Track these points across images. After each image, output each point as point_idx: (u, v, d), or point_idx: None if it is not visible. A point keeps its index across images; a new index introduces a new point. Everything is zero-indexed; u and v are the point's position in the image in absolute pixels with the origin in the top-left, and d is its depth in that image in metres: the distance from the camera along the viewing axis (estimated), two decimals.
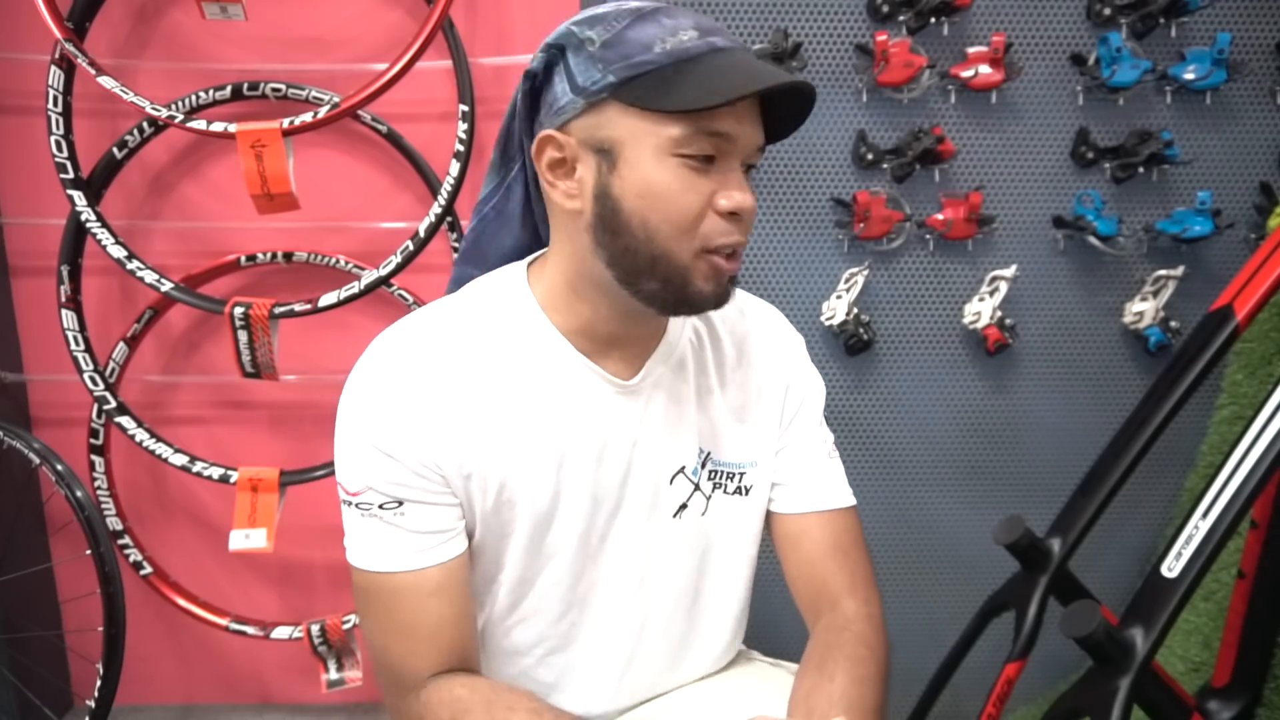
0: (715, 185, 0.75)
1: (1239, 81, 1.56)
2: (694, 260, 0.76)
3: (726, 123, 0.74)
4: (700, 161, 0.74)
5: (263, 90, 1.70)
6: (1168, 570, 1.09)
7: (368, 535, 0.84)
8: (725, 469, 0.91)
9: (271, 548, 1.69)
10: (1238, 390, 1.61)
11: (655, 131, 0.73)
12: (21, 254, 1.82)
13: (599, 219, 0.77)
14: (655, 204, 0.74)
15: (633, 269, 0.77)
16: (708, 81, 0.72)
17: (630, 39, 0.74)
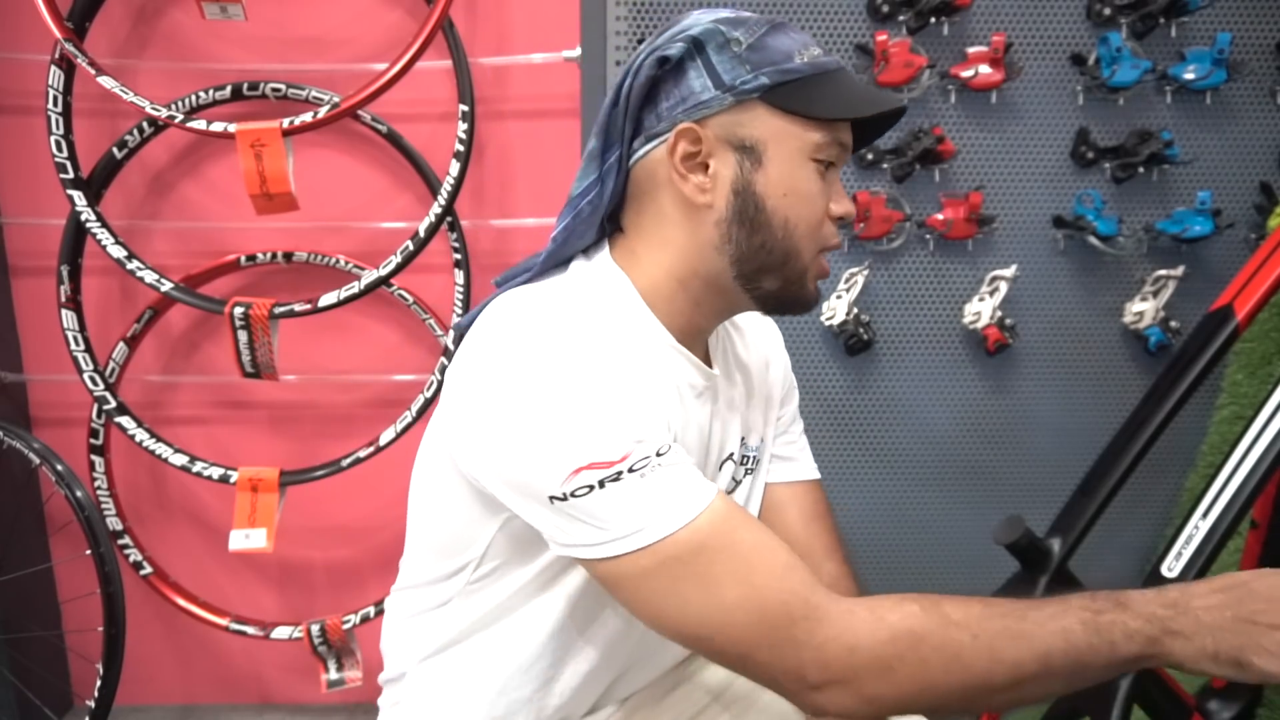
0: (828, 192, 0.81)
1: (1239, 81, 1.56)
2: (812, 260, 0.81)
3: (848, 134, 0.81)
4: (826, 168, 0.80)
5: (263, 90, 1.70)
6: (1168, 570, 1.09)
7: (666, 488, 0.69)
8: (751, 453, 0.96)
9: (271, 548, 1.69)
10: (1238, 390, 1.61)
11: (800, 135, 0.77)
12: (21, 254, 1.82)
13: (737, 214, 0.78)
14: (795, 203, 0.78)
15: (761, 266, 0.80)
16: (847, 95, 0.79)
17: (772, 46, 0.77)
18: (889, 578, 1.77)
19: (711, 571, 0.69)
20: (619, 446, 0.69)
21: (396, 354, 1.88)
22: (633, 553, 0.69)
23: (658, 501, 0.69)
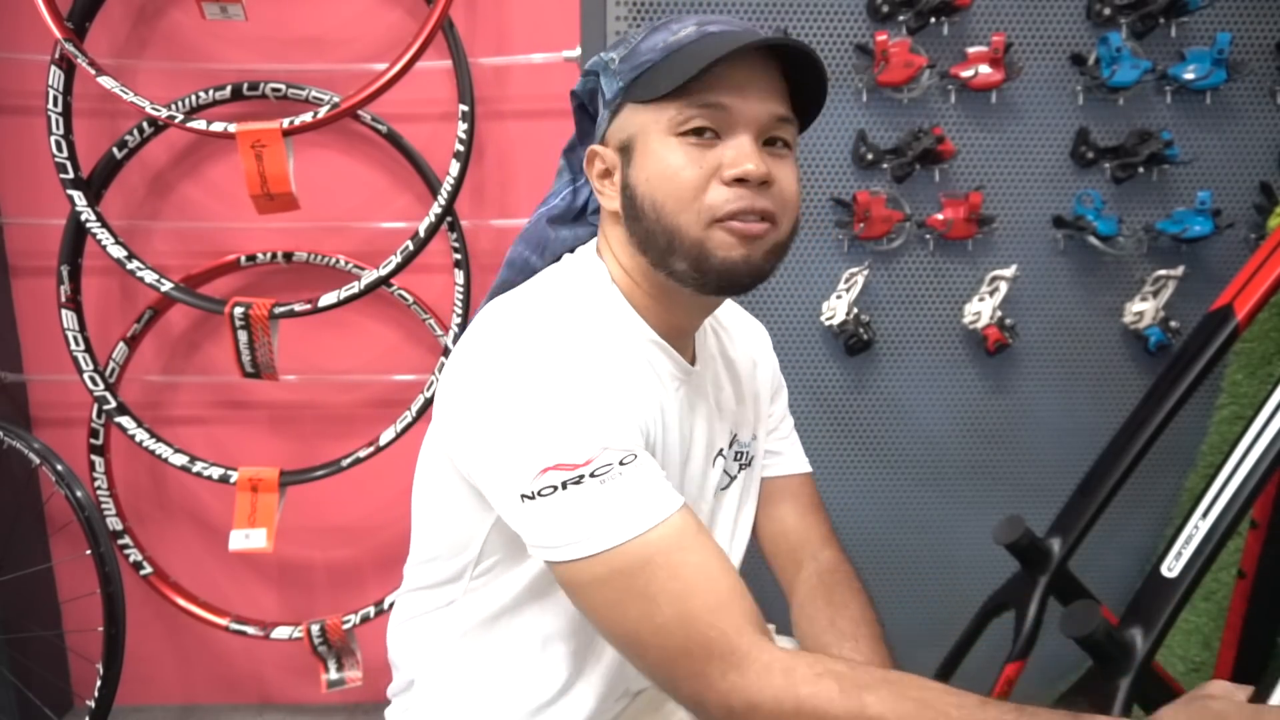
0: (721, 157, 0.78)
1: (1239, 81, 1.56)
2: (705, 232, 0.79)
3: (720, 95, 0.78)
4: (702, 136, 0.78)
5: (263, 90, 1.70)
6: (1168, 570, 1.09)
7: (624, 497, 0.71)
8: (744, 448, 0.99)
9: (271, 548, 1.69)
10: (1238, 390, 1.61)
11: (657, 118, 0.79)
12: (21, 254, 1.82)
13: (625, 209, 0.82)
14: (659, 183, 0.79)
15: (660, 252, 0.81)
16: (687, 61, 0.77)
17: (641, 49, 0.81)
18: (889, 577, 1.77)
19: (651, 588, 0.70)
20: (585, 450, 0.71)
21: (396, 354, 1.88)
22: (585, 559, 0.70)
23: (613, 510, 0.70)
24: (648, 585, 0.70)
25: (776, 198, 0.80)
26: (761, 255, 0.80)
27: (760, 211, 0.79)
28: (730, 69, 0.77)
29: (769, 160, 0.79)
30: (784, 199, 0.81)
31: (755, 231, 0.79)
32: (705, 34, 0.79)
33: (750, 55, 0.77)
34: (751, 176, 0.77)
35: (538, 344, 0.75)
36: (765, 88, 0.79)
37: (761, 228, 0.79)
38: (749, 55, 0.77)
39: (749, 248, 0.79)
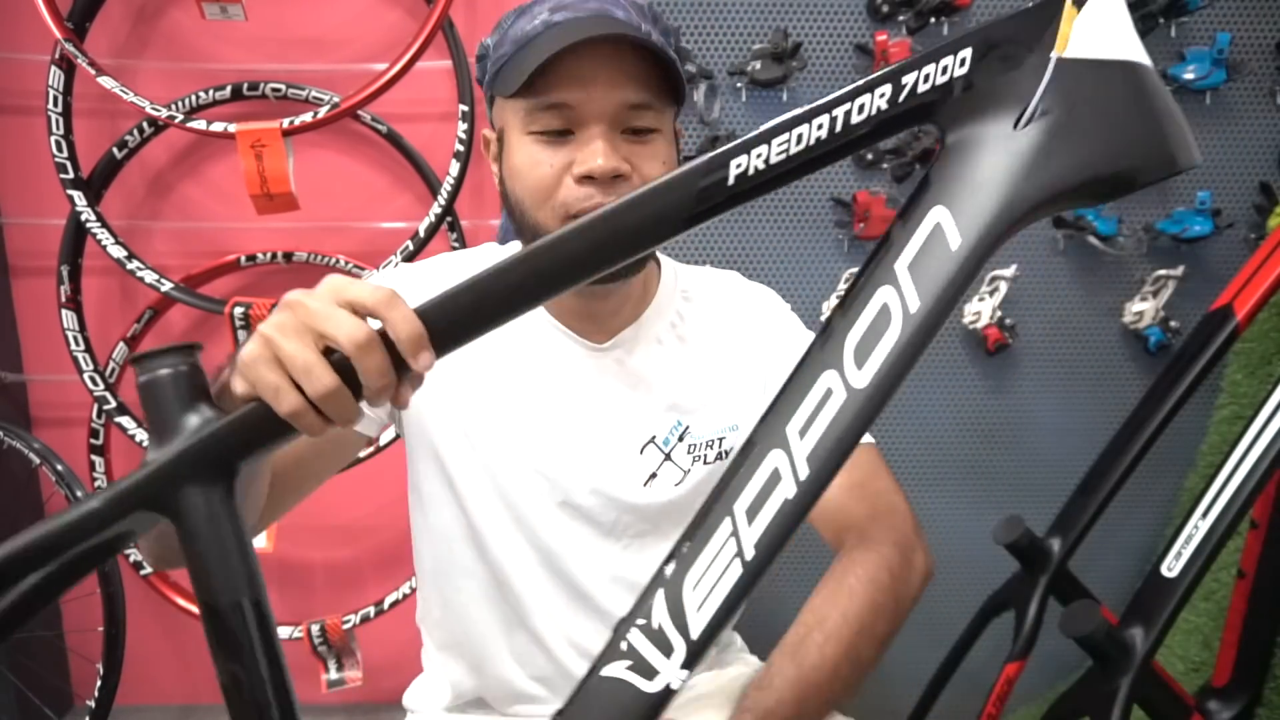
0: (573, 154, 0.78)
1: (1239, 81, 1.56)
2: (561, 224, 0.78)
3: (563, 92, 0.77)
4: (554, 135, 0.78)
5: (263, 90, 1.70)
6: (1167, 570, 1.09)
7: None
8: (705, 439, 0.92)
9: (271, 548, 1.69)
10: (1238, 390, 1.61)
11: (514, 115, 0.80)
12: (21, 254, 1.82)
13: (503, 199, 0.85)
14: (518, 181, 0.80)
15: (528, 242, 0.81)
16: (528, 58, 0.76)
17: (507, 37, 0.81)
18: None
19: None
20: None
21: None
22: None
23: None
24: None
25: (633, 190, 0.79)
26: None
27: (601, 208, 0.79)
28: (574, 61, 0.75)
29: (628, 149, 0.78)
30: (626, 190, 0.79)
31: None
32: (550, 24, 0.77)
33: (596, 43, 0.75)
34: (598, 174, 0.77)
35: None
36: (612, 76, 0.77)
37: None
38: (595, 43, 0.75)
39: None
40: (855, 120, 0.50)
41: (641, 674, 0.50)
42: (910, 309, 0.50)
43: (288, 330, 0.51)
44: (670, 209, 0.51)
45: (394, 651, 1.84)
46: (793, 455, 0.50)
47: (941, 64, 0.50)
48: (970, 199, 0.50)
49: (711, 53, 1.54)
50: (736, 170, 0.50)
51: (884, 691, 1.79)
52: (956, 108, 0.51)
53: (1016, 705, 1.76)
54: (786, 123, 0.50)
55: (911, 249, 0.51)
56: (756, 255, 1.61)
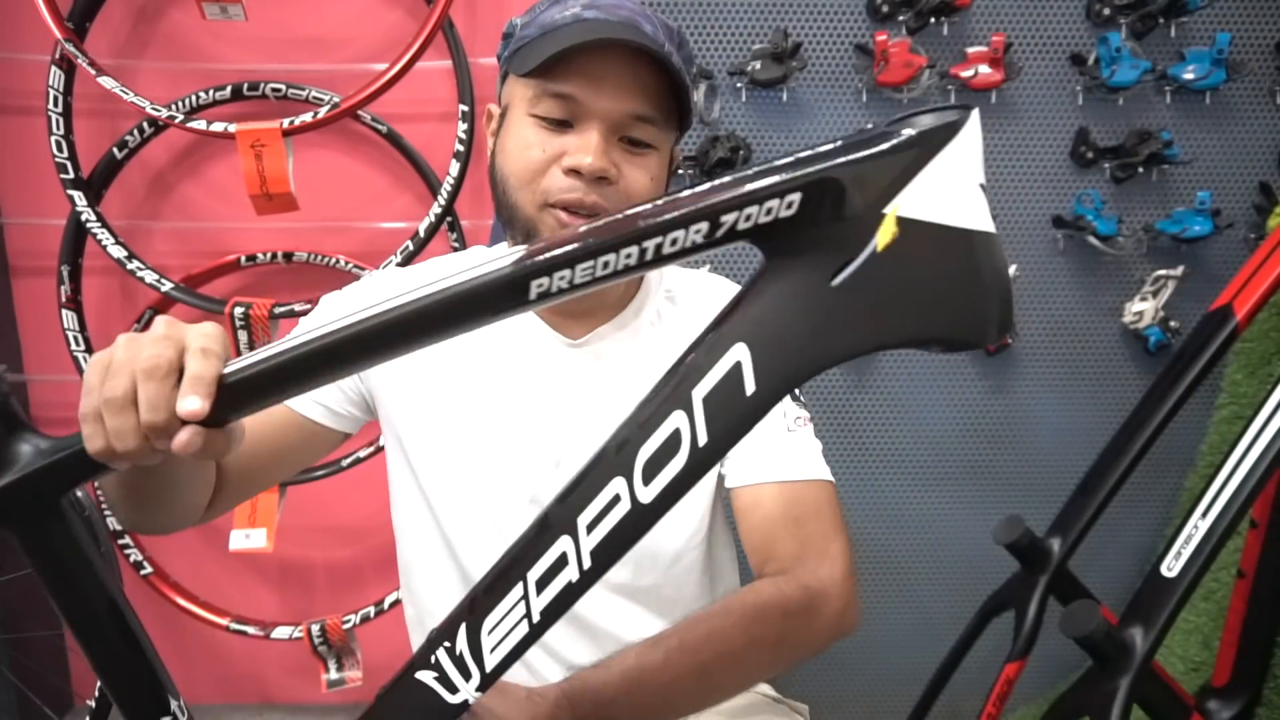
0: (567, 145, 0.79)
1: (1238, 81, 1.56)
2: (538, 212, 0.80)
3: (572, 85, 0.77)
4: (554, 123, 0.79)
5: (263, 90, 1.69)
6: (1167, 570, 1.09)
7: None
8: None
9: (271, 548, 1.69)
10: (1237, 390, 1.61)
11: (521, 94, 0.81)
12: (22, 254, 1.82)
13: (490, 174, 0.86)
14: (506, 158, 0.82)
15: (505, 221, 0.84)
16: (549, 45, 0.77)
17: (537, 21, 0.82)
18: (889, 578, 1.77)
19: None
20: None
21: None
22: None
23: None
24: None
25: (616, 196, 0.79)
26: None
27: (590, 207, 0.78)
28: (590, 59, 0.76)
29: (620, 156, 0.79)
30: (629, 197, 0.80)
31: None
32: (579, 19, 0.78)
33: (616, 47, 0.76)
34: (584, 170, 0.77)
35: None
36: (624, 83, 0.78)
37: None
38: (614, 47, 0.76)
39: None
40: (667, 251, 0.49)
41: (445, 687, 0.56)
42: (699, 441, 0.51)
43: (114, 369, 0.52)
44: (473, 307, 0.51)
45: (394, 651, 1.84)
46: (579, 546, 0.53)
47: (766, 206, 0.48)
48: (772, 348, 0.50)
49: (711, 53, 1.54)
50: (538, 289, 0.50)
51: (884, 691, 1.79)
52: (776, 244, 0.50)
53: (1016, 705, 1.76)
54: (592, 249, 0.49)
55: (710, 380, 0.51)
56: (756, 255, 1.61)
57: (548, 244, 0.50)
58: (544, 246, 0.50)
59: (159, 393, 0.51)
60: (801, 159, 0.48)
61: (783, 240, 0.49)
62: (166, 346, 0.51)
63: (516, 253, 0.50)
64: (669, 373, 0.53)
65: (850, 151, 0.47)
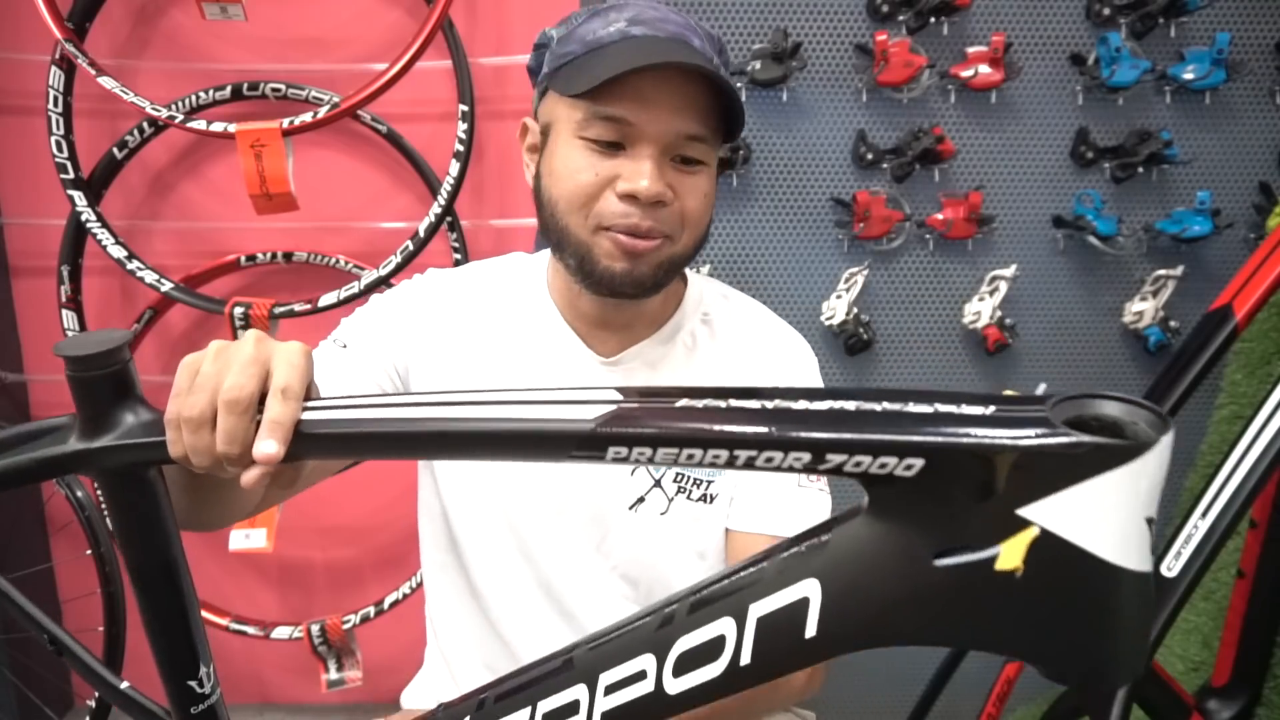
0: (620, 169, 0.78)
1: (1238, 81, 1.56)
2: (592, 236, 0.79)
3: (624, 108, 0.76)
4: (605, 145, 0.78)
5: (263, 90, 1.70)
6: (1167, 570, 1.09)
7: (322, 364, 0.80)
8: (693, 474, 0.90)
9: (271, 548, 1.69)
10: (1237, 390, 1.61)
11: (569, 115, 0.79)
12: (21, 254, 1.82)
13: (534, 193, 0.85)
14: (557, 181, 0.80)
15: (555, 244, 0.83)
16: (599, 65, 0.75)
17: (578, 34, 0.80)
18: None
19: None
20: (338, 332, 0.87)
21: None
22: None
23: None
24: None
25: (671, 217, 0.79)
26: (649, 270, 0.80)
27: (646, 231, 0.78)
28: (640, 80, 0.75)
29: (674, 176, 0.78)
30: (684, 217, 0.79)
31: (640, 248, 0.78)
32: (627, 36, 0.77)
33: (668, 68, 0.75)
34: (642, 196, 0.76)
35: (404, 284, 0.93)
36: (676, 103, 0.77)
37: (649, 244, 0.79)
38: (666, 68, 0.75)
39: (632, 262, 0.79)
40: (759, 465, 0.45)
41: None
42: (740, 660, 0.46)
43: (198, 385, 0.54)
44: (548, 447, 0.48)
45: (394, 651, 1.84)
46: (594, 703, 0.50)
47: (881, 460, 0.41)
48: (845, 601, 0.43)
49: None
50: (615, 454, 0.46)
51: (884, 691, 1.79)
52: (884, 494, 0.43)
53: (1016, 705, 1.76)
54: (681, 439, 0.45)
55: (772, 603, 0.45)
56: (757, 255, 1.62)
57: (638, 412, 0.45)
58: (634, 415, 0.45)
59: (237, 426, 0.52)
60: (939, 414, 0.41)
61: (893, 495, 0.43)
62: (251, 377, 0.53)
63: (604, 407, 0.46)
64: (733, 570, 0.47)
65: (1001, 426, 0.40)
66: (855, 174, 1.58)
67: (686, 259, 0.83)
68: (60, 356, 0.54)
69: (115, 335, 0.56)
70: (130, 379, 0.57)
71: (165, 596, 0.61)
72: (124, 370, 0.56)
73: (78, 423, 0.56)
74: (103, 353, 0.54)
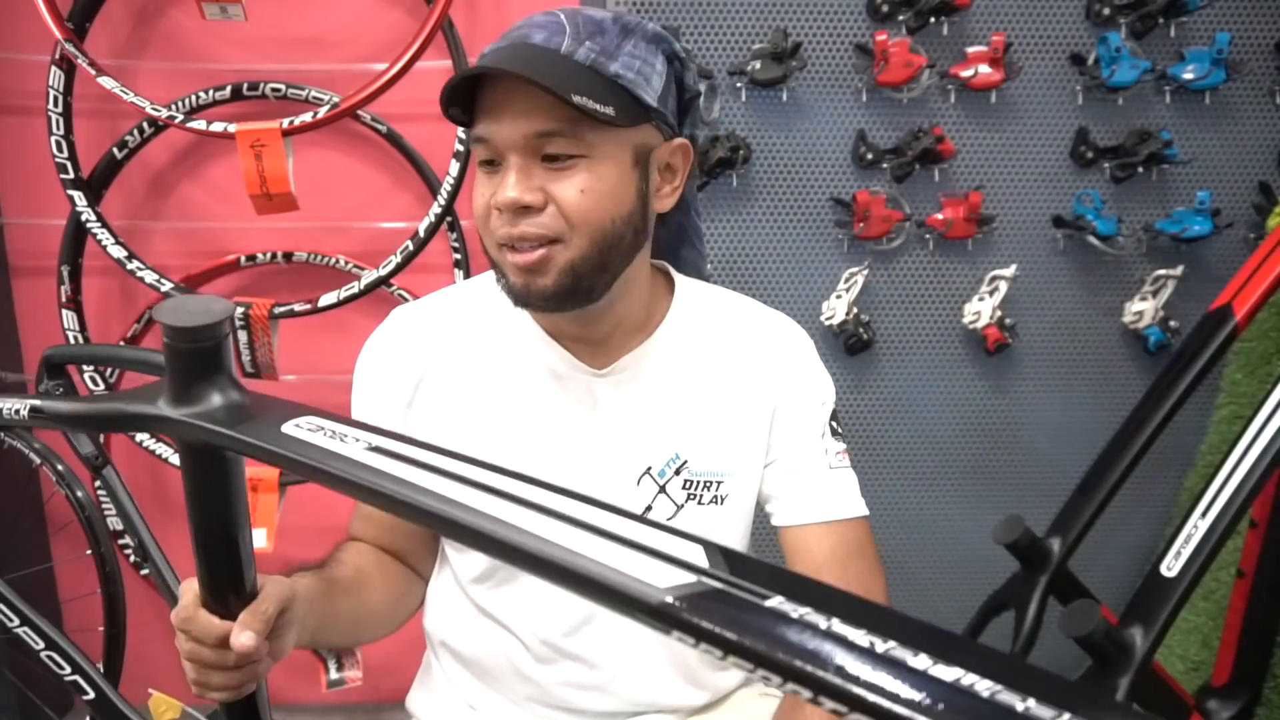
0: (496, 185, 0.78)
1: (1238, 81, 1.56)
2: (498, 254, 0.80)
3: (481, 125, 0.78)
4: (486, 165, 0.79)
5: (263, 90, 1.70)
6: (1167, 569, 1.09)
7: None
8: (702, 478, 0.88)
9: (271, 548, 1.69)
10: (1237, 389, 1.61)
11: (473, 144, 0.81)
12: (22, 254, 1.82)
13: None
14: (474, 208, 0.82)
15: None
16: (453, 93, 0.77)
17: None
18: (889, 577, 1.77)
19: None
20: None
21: None
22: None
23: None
24: None
25: (550, 218, 0.76)
26: (552, 280, 0.78)
27: (521, 238, 0.77)
28: (490, 92, 0.76)
29: (544, 178, 0.76)
30: (566, 215, 0.76)
31: (528, 261, 0.77)
32: (482, 55, 0.78)
33: (506, 75, 0.74)
34: (501, 206, 0.77)
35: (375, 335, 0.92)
36: (519, 106, 0.75)
37: (535, 256, 0.77)
38: (504, 75, 0.74)
39: (528, 276, 0.78)
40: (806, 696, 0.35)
41: None
42: None
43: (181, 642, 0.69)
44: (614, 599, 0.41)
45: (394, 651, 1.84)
46: None
47: None
48: None
49: (711, 53, 1.54)
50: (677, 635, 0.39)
51: None
52: None
53: None
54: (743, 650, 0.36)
55: None
56: (757, 255, 1.62)
57: (721, 598, 0.39)
58: (714, 602, 0.39)
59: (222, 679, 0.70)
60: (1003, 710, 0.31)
61: None
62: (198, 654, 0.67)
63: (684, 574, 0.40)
64: None
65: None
66: (855, 174, 1.58)
67: (594, 259, 0.78)
68: (158, 320, 0.55)
69: (215, 308, 0.55)
70: (222, 357, 0.57)
71: (224, 572, 0.64)
72: (217, 347, 0.56)
73: (166, 386, 0.57)
74: (198, 327, 0.54)
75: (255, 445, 0.54)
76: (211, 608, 0.66)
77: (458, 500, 0.47)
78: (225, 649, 0.66)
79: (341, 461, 0.51)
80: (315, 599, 0.79)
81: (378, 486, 0.50)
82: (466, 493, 0.48)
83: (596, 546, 0.42)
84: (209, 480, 0.59)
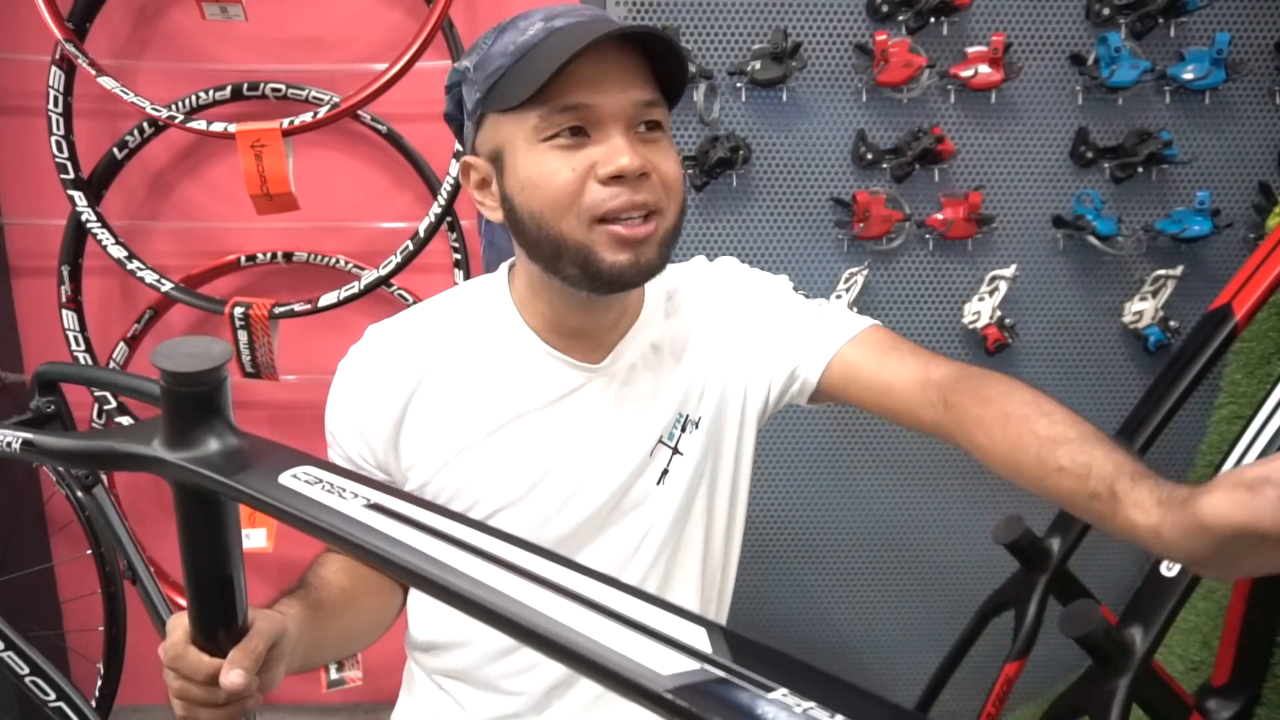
0: (594, 156, 0.76)
1: (1238, 81, 1.56)
2: (588, 234, 0.77)
3: (578, 95, 0.75)
4: (569, 138, 0.76)
5: (263, 90, 1.70)
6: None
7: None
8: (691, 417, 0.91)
9: (271, 548, 1.69)
10: (1237, 389, 1.61)
11: (520, 127, 0.77)
12: (22, 254, 1.82)
13: (509, 219, 0.82)
14: (534, 192, 0.77)
15: (547, 259, 0.80)
16: (537, 64, 0.75)
17: (492, 54, 0.79)
18: (889, 577, 1.77)
19: None
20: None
21: None
22: None
23: None
24: None
25: (657, 187, 0.78)
26: (653, 253, 0.79)
27: (642, 206, 0.77)
28: (583, 65, 0.74)
29: (643, 149, 0.77)
30: (666, 185, 0.78)
31: (641, 234, 0.77)
32: (552, 30, 0.76)
33: (602, 45, 0.74)
34: (628, 172, 0.75)
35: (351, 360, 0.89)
36: (624, 76, 0.76)
37: (647, 229, 0.77)
38: (601, 46, 0.74)
39: (636, 251, 0.77)
40: None
41: None
42: None
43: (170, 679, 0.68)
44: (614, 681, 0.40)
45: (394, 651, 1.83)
46: None
47: None
48: None
49: (711, 53, 1.54)
50: None
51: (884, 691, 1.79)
52: None
53: (1016, 705, 1.76)
54: None
55: None
56: (757, 255, 1.62)
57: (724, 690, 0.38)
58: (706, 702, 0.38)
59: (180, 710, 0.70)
60: None
61: None
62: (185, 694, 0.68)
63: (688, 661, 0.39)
64: None
65: None
66: (855, 174, 1.58)
67: (678, 230, 0.82)
68: (155, 366, 0.54)
69: (214, 351, 0.55)
70: (220, 401, 0.56)
71: (216, 610, 0.62)
72: (214, 392, 0.55)
73: (162, 428, 0.56)
74: (195, 372, 0.54)
75: (250, 495, 0.53)
76: (201, 645, 0.65)
77: (456, 568, 0.46)
78: (215, 686, 0.65)
79: (338, 518, 0.50)
80: (304, 628, 0.78)
81: (374, 547, 0.49)
82: (465, 560, 0.47)
83: (599, 626, 0.41)
84: (203, 522, 0.58)
